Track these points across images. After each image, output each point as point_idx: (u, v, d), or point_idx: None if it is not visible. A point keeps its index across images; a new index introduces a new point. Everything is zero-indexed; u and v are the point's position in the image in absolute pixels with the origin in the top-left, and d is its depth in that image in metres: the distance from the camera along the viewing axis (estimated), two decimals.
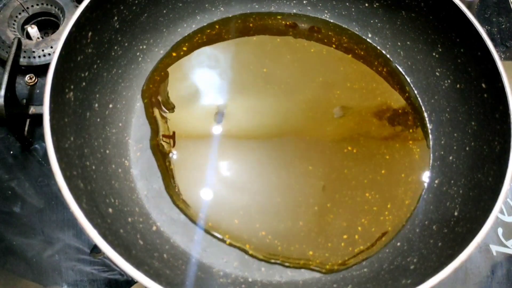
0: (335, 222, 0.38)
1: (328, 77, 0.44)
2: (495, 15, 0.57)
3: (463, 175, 0.38)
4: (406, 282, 0.32)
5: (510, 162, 0.33)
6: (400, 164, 0.40)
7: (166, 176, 0.38)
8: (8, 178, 0.42)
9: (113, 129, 0.39)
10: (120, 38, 0.40)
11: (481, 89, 0.38)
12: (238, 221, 0.37)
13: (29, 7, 0.48)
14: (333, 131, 0.41)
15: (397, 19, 0.44)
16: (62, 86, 0.34)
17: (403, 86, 0.44)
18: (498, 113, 0.36)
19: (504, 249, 0.43)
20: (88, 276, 0.39)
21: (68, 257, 0.40)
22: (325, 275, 0.36)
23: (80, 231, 0.40)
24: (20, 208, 0.41)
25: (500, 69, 0.36)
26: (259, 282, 0.35)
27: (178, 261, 0.35)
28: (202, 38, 0.45)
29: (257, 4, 0.47)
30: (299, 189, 0.39)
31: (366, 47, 0.46)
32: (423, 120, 0.43)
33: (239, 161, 0.39)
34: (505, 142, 0.34)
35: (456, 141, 0.40)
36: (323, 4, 0.46)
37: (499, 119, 0.36)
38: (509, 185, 0.33)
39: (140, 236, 0.34)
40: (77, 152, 0.34)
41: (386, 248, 0.37)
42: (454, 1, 0.39)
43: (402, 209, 0.39)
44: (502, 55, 0.55)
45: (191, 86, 0.42)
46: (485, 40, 0.37)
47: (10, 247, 0.39)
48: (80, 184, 0.32)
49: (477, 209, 0.34)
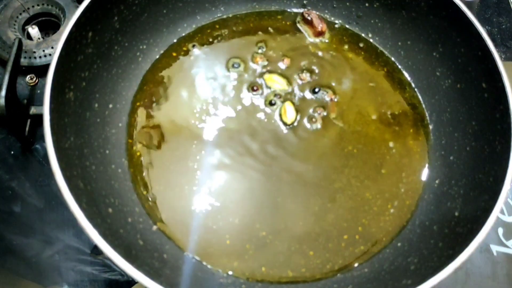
0: (335, 222, 0.38)
1: (328, 77, 0.44)
2: (495, 15, 0.57)
3: (463, 175, 0.38)
4: (406, 282, 0.32)
5: (510, 162, 0.33)
6: (401, 164, 0.40)
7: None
8: (8, 178, 0.42)
9: (113, 129, 0.39)
10: (120, 38, 0.40)
11: (481, 89, 0.38)
12: (238, 221, 0.37)
13: (30, 8, 0.49)
14: (333, 131, 0.41)
15: (398, 19, 0.44)
16: (62, 86, 0.34)
17: (403, 86, 0.44)
18: (499, 113, 0.36)
19: (504, 249, 0.43)
20: (88, 276, 0.39)
21: (68, 257, 0.40)
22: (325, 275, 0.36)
23: (80, 231, 0.40)
24: (20, 208, 0.41)
25: (501, 69, 0.36)
26: (259, 282, 0.35)
27: (178, 261, 0.35)
28: (202, 38, 0.45)
29: (257, 4, 0.47)
30: (299, 189, 0.39)
31: (366, 47, 0.46)
32: (424, 120, 0.43)
33: (239, 160, 0.39)
34: (506, 142, 0.34)
35: (456, 141, 0.40)
36: (323, 4, 0.46)
37: (499, 119, 0.36)
38: (510, 185, 0.33)
39: (140, 236, 0.34)
40: (77, 152, 0.34)
41: (386, 249, 0.37)
42: (455, 1, 0.39)
43: (403, 209, 0.39)
44: (503, 55, 0.55)
45: (191, 86, 0.42)
46: (485, 40, 0.37)
47: (10, 247, 0.39)
48: (80, 184, 0.32)
49: (477, 209, 0.34)
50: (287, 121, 0.41)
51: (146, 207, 0.37)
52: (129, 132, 0.40)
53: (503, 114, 0.36)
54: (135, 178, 0.38)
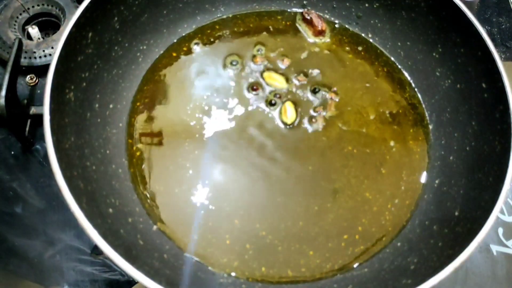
0: (335, 222, 0.38)
1: (328, 77, 0.44)
2: (495, 15, 0.57)
3: (463, 175, 0.38)
4: (406, 282, 0.32)
5: (510, 162, 0.33)
6: (400, 164, 0.40)
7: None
8: (9, 178, 0.42)
9: (113, 129, 0.39)
10: (121, 38, 0.40)
11: (481, 89, 0.38)
12: (238, 221, 0.37)
13: (30, 8, 0.49)
14: (333, 131, 0.41)
15: (398, 19, 0.44)
16: (62, 87, 0.34)
17: (403, 86, 0.44)
18: (499, 113, 0.36)
19: (504, 249, 0.43)
20: (89, 276, 0.39)
21: (69, 257, 0.40)
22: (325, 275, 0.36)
23: (81, 231, 0.40)
24: (22, 209, 0.41)
25: (501, 69, 0.36)
26: (259, 282, 0.35)
27: (178, 261, 0.35)
28: (202, 38, 0.45)
29: (257, 4, 0.47)
30: (299, 189, 0.39)
31: (366, 47, 0.46)
32: (424, 120, 0.43)
33: (239, 161, 0.39)
34: (506, 142, 0.34)
35: (456, 141, 0.40)
36: (323, 4, 0.46)
37: (499, 119, 0.36)
38: (510, 185, 0.33)
39: (140, 236, 0.34)
40: (78, 153, 0.34)
41: (386, 248, 0.37)
42: (455, 1, 0.39)
43: (403, 209, 0.39)
44: (502, 55, 0.55)
45: (191, 86, 0.42)
46: (485, 40, 0.37)
47: (12, 248, 0.40)
48: (81, 184, 0.32)
49: (477, 209, 0.34)
50: (287, 121, 0.41)
51: (146, 207, 0.37)
52: (129, 132, 0.40)
53: (503, 114, 0.36)
54: (135, 178, 0.38)
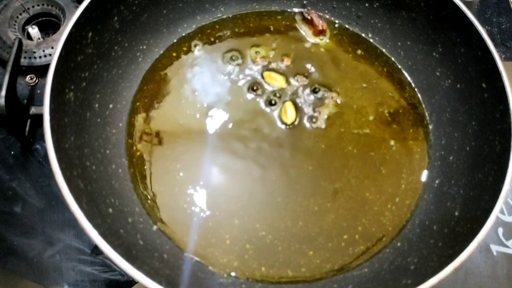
0: (335, 222, 0.38)
1: (328, 77, 0.44)
2: (495, 15, 0.57)
3: (463, 175, 0.38)
4: (406, 282, 0.32)
5: (510, 162, 0.33)
6: (400, 164, 0.40)
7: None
8: (9, 178, 0.42)
9: (113, 129, 0.39)
10: (120, 38, 0.40)
11: (481, 89, 0.38)
12: (238, 221, 0.37)
13: (30, 8, 0.49)
14: (333, 131, 0.41)
15: (397, 19, 0.44)
16: (62, 87, 0.34)
17: (403, 86, 0.44)
18: (499, 113, 0.36)
19: (504, 249, 0.43)
20: (89, 276, 0.39)
21: (69, 257, 0.40)
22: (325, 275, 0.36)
23: (80, 231, 0.40)
24: (21, 209, 0.41)
25: (501, 69, 0.36)
26: (259, 282, 0.35)
27: (178, 261, 0.35)
28: (202, 38, 0.45)
29: (257, 4, 0.47)
30: (299, 189, 0.39)
31: (366, 47, 0.46)
32: (423, 120, 0.43)
33: (239, 160, 0.39)
34: (506, 142, 0.34)
35: (456, 141, 0.40)
36: (323, 4, 0.46)
37: (499, 119, 0.36)
38: (510, 185, 0.33)
39: (140, 236, 0.34)
40: (77, 152, 0.34)
41: (386, 248, 0.37)
42: (455, 1, 0.39)
43: (403, 209, 0.39)
44: (503, 55, 0.55)
45: (191, 86, 0.42)
46: (485, 40, 0.37)
47: (11, 248, 0.40)
48: (80, 184, 0.32)
49: (477, 209, 0.34)
50: (287, 121, 0.41)
51: (146, 207, 0.37)
52: (129, 132, 0.40)
53: (503, 114, 0.36)
54: (135, 178, 0.38)
